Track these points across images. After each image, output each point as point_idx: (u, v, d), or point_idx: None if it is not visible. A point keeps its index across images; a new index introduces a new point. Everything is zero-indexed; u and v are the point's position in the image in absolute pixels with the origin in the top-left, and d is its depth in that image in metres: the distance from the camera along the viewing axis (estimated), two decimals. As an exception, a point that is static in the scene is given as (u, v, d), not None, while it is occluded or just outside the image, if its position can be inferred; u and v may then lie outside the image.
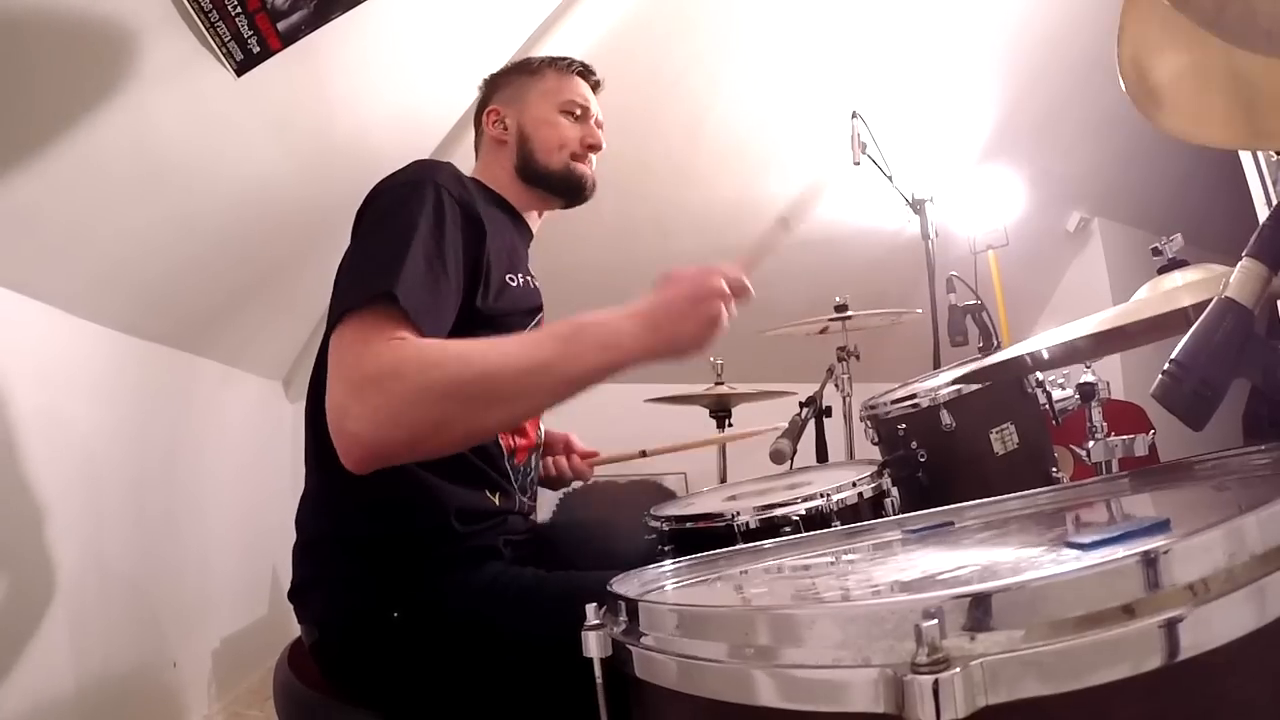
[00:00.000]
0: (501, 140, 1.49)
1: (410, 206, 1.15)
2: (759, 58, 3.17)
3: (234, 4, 1.60)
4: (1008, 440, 1.74)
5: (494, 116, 1.51)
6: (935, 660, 0.49)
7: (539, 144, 1.47)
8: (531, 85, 1.51)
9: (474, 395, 1.01)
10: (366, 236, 1.18)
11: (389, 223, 1.15)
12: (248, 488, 2.72)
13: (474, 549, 1.23)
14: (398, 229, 1.12)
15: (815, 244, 3.92)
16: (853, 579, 0.90)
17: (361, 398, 0.97)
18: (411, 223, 1.12)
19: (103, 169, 1.66)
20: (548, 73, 1.52)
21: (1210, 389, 0.73)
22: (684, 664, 0.64)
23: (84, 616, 1.78)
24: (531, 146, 1.47)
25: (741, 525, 1.42)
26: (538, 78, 1.52)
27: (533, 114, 1.49)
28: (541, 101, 1.49)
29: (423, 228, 1.12)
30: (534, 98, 1.50)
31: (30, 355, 1.71)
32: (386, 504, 1.17)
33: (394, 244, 1.09)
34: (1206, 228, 2.52)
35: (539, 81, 1.51)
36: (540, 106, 1.49)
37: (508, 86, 1.54)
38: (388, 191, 1.21)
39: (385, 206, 1.19)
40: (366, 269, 1.09)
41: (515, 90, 1.52)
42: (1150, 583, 0.52)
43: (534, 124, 1.48)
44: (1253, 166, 2.50)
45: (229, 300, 2.40)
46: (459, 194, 1.22)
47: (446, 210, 1.17)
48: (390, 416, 0.96)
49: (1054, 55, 3.63)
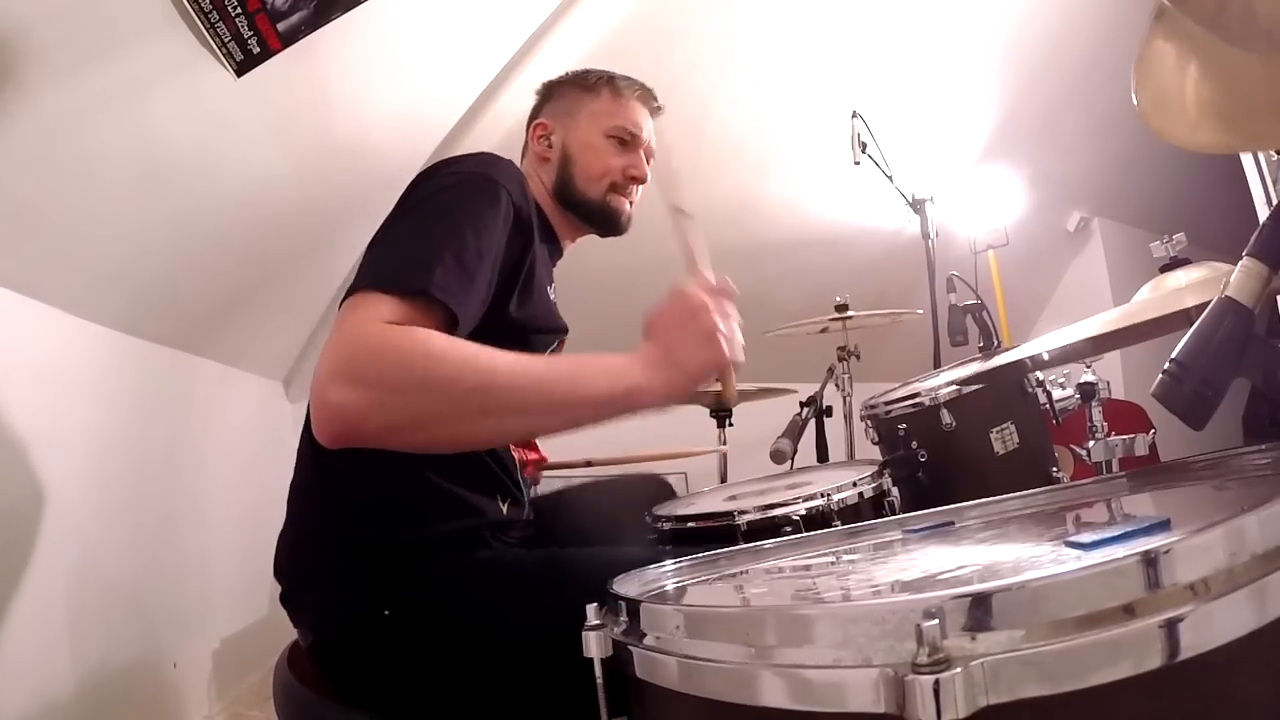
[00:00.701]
0: (545, 157, 1.46)
1: (470, 197, 1.12)
2: (759, 57, 3.17)
3: (234, 4, 1.60)
4: (1008, 440, 1.74)
5: (540, 131, 1.47)
6: (936, 660, 0.49)
7: (580, 169, 1.43)
8: (584, 103, 1.46)
9: (466, 400, 0.95)
10: (415, 212, 1.13)
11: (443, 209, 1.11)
12: (248, 488, 2.72)
13: (466, 538, 1.22)
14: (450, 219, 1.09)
15: (815, 244, 3.92)
16: (853, 579, 0.90)
17: (353, 371, 0.92)
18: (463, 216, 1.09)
19: (103, 169, 1.67)
20: (603, 92, 1.47)
21: (1211, 389, 0.73)
22: (685, 664, 0.64)
23: (84, 617, 1.78)
24: (573, 171, 1.43)
25: (742, 525, 1.42)
26: (592, 96, 1.47)
27: (579, 135, 1.44)
28: (591, 123, 1.44)
29: (473, 222, 1.09)
30: (584, 118, 1.45)
31: (30, 356, 1.71)
32: (385, 506, 1.17)
33: (440, 236, 1.06)
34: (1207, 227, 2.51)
35: (592, 100, 1.46)
36: (589, 128, 1.44)
37: (561, 99, 1.49)
38: (452, 173, 1.17)
39: (445, 188, 1.15)
40: (407, 253, 1.05)
41: (567, 105, 1.48)
42: (1151, 582, 0.52)
43: (579, 146, 1.44)
44: (1253, 166, 2.50)
45: (229, 300, 2.40)
46: (518, 198, 1.19)
47: (503, 209, 1.14)
48: (379, 398, 0.91)
49: (1054, 55, 3.63)
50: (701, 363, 1.02)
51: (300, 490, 1.27)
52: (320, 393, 0.91)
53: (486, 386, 0.96)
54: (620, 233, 1.49)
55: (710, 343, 1.02)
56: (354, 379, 0.91)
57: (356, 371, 0.92)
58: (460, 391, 0.95)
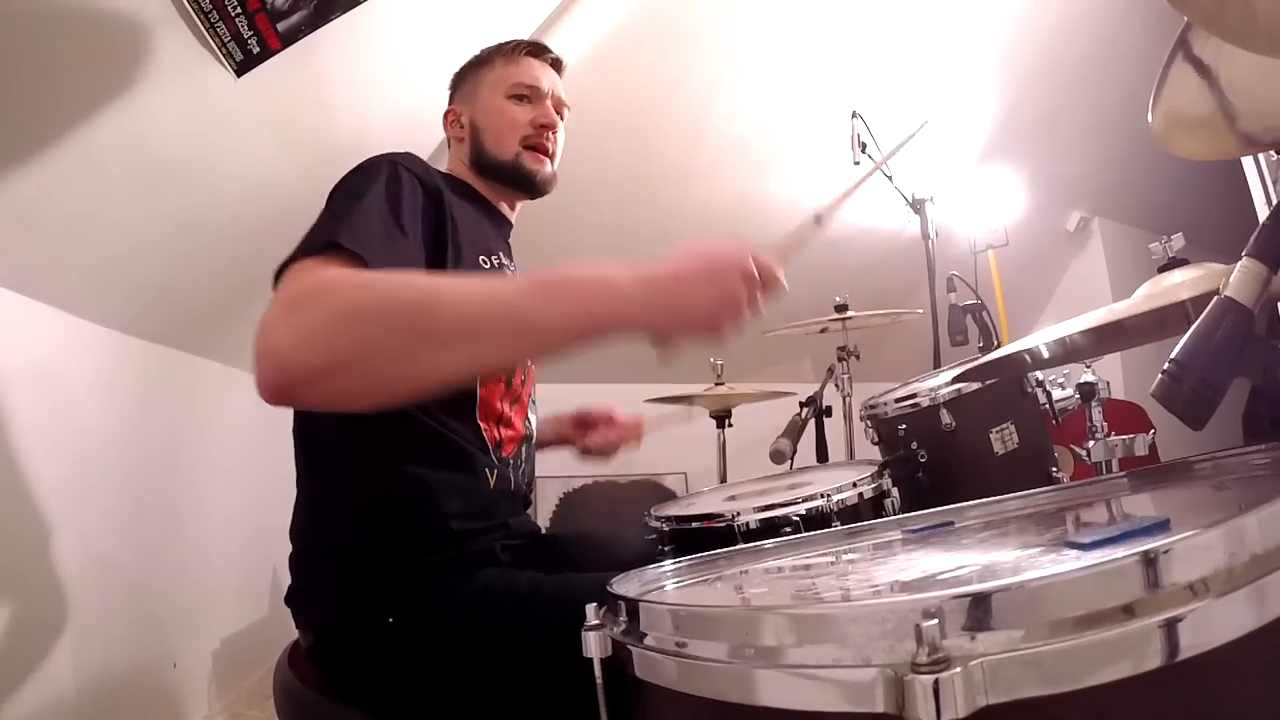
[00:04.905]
0: (459, 138, 1.49)
1: (363, 181, 1.12)
2: (760, 58, 3.18)
3: (234, 4, 1.60)
4: (1008, 440, 1.74)
5: (451, 117, 1.51)
6: (936, 660, 0.49)
7: (489, 134, 1.45)
8: (482, 77, 1.49)
9: (408, 324, 0.86)
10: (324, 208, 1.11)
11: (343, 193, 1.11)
12: (248, 488, 2.72)
13: (470, 554, 1.22)
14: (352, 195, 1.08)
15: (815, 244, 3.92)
16: (853, 579, 0.90)
17: (286, 314, 0.86)
18: (361, 192, 1.08)
19: (102, 168, 1.67)
20: (495, 60, 1.50)
21: (1210, 389, 0.73)
22: (685, 664, 0.64)
23: (84, 617, 1.78)
24: (483, 139, 1.45)
25: (742, 525, 1.42)
26: (486, 68, 1.50)
27: (483, 105, 1.47)
28: (491, 92, 1.47)
29: (375, 194, 1.08)
30: (484, 90, 1.48)
31: (29, 355, 1.71)
32: (380, 507, 1.17)
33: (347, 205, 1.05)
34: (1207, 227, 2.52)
35: (488, 72, 1.49)
36: (490, 97, 1.47)
37: (464, 83, 1.53)
38: (345, 176, 1.18)
39: (341, 183, 1.15)
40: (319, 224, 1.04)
41: (469, 86, 1.51)
42: (1150, 582, 0.52)
43: (484, 115, 1.46)
44: (1253, 166, 2.50)
45: (229, 300, 2.40)
46: (417, 170, 1.20)
47: (404, 181, 1.14)
48: (311, 334, 0.84)
49: (1054, 55, 3.63)
50: (706, 320, 0.94)
51: (299, 494, 1.28)
52: (259, 347, 0.84)
53: (427, 305, 0.87)
54: (541, 192, 1.48)
55: (726, 309, 0.94)
56: (286, 322, 0.85)
57: (289, 314, 0.86)
58: (399, 312, 0.87)
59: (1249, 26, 0.72)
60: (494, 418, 1.32)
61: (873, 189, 2.96)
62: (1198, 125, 1.01)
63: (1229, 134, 0.98)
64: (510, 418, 1.35)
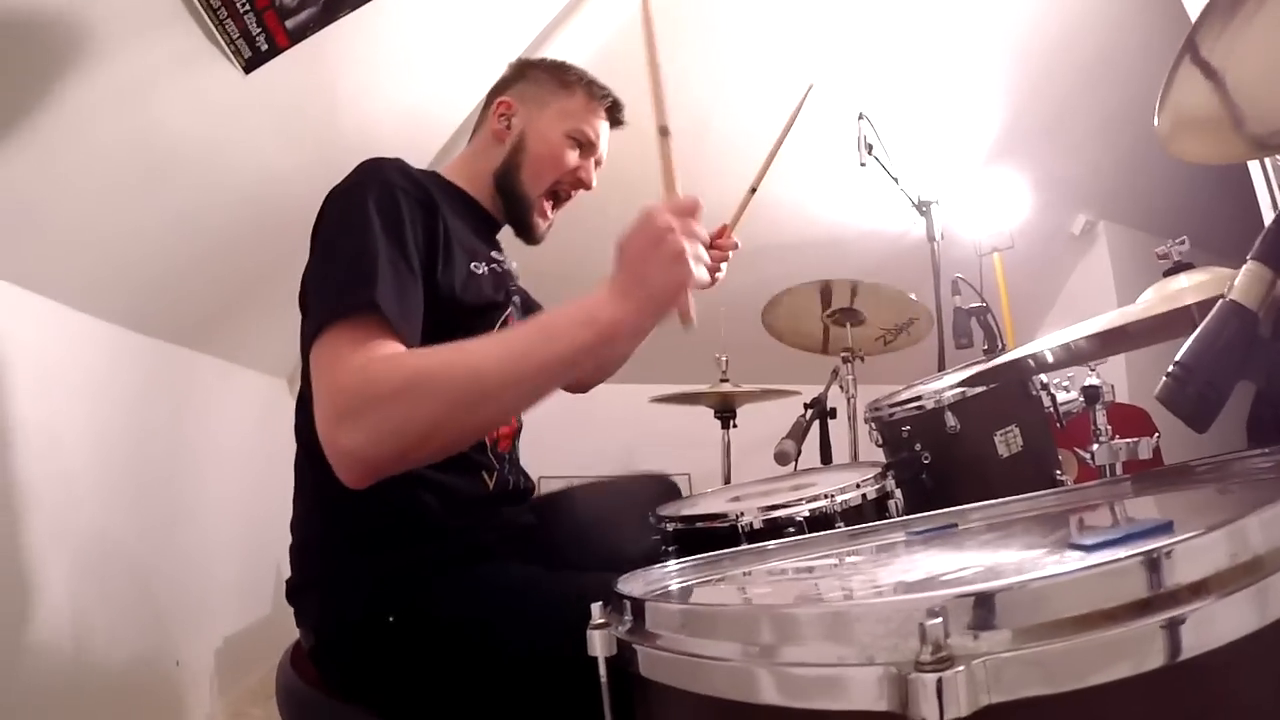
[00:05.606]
0: (500, 137, 1.44)
1: (363, 208, 1.13)
2: (763, 59, 3.17)
3: (242, 1, 1.60)
4: (1012, 443, 1.74)
5: (503, 109, 1.45)
6: (939, 659, 0.49)
7: (530, 160, 1.41)
8: (557, 98, 1.44)
9: (462, 397, 0.98)
10: (329, 246, 1.15)
11: (347, 229, 1.13)
12: (251, 485, 2.73)
13: (469, 547, 1.22)
14: (357, 235, 1.10)
15: (821, 245, 3.92)
16: (856, 580, 0.91)
17: (352, 416, 0.96)
18: (367, 224, 1.10)
19: (109, 164, 1.67)
20: (578, 92, 1.45)
21: (1214, 392, 0.73)
22: (690, 663, 0.64)
23: (86, 615, 1.78)
24: (521, 159, 1.41)
25: (746, 526, 1.42)
26: (566, 93, 1.45)
27: (542, 127, 1.42)
28: (557, 120, 1.43)
29: (380, 227, 1.10)
30: (552, 112, 1.43)
31: (32, 350, 1.71)
32: (380, 511, 1.16)
33: (358, 252, 1.07)
34: (1212, 231, 2.51)
35: (566, 98, 1.45)
36: (553, 124, 1.43)
37: (533, 84, 1.47)
38: (338, 198, 1.18)
39: (339, 212, 1.17)
40: (339, 280, 1.07)
41: (538, 93, 1.45)
42: (1153, 583, 0.52)
43: (537, 138, 1.42)
44: (1259, 170, 2.49)
45: (233, 296, 2.41)
46: (405, 183, 1.19)
47: (400, 200, 1.15)
48: (382, 431, 0.95)
49: (1061, 58, 3.63)
50: (670, 284, 1.02)
51: (298, 492, 1.28)
52: (331, 444, 0.97)
53: (475, 375, 0.99)
54: (531, 243, 1.47)
55: (678, 263, 1.01)
56: (354, 420, 0.96)
57: (354, 413, 0.96)
58: (454, 390, 0.98)
59: None
60: None
61: (879, 191, 2.97)
62: (1204, 128, 1.01)
63: (1236, 137, 0.98)
64: None
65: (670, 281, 1.02)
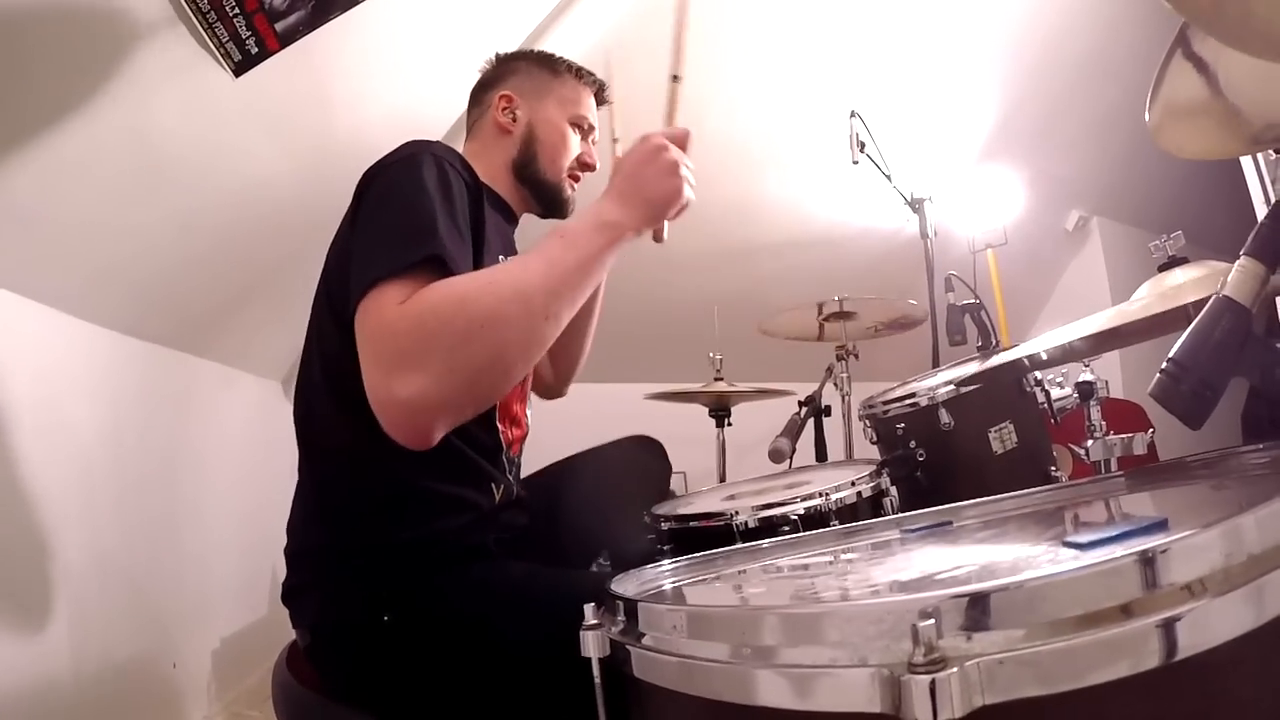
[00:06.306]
0: (507, 130, 1.46)
1: (419, 176, 1.13)
2: (759, 57, 3.17)
3: (232, 5, 1.60)
4: (1006, 439, 1.74)
5: (506, 103, 1.47)
6: (932, 660, 0.49)
7: (545, 149, 1.45)
8: (552, 87, 1.49)
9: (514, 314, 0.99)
10: (384, 206, 1.13)
11: (403, 193, 1.12)
12: (247, 488, 2.72)
13: (465, 547, 1.21)
14: (414, 198, 1.10)
15: (814, 243, 3.92)
16: (851, 578, 0.91)
17: (405, 357, 0.94)
18: (423, 189, 1.11)
19: (101, 169, 1.66)
20: (568, 79, 1.50)
21: (1209, 388, 0.73)
22: (683, 664, 0.64)
23: (83, 617, 1.78)
24: (536, 150, 1.45)
25: (740, 525, 1.42)
26: (559, 81, 1.50)
27: (547, 117, 1.47)
28: (559, 109, 1.48)
29: (437, 193, 1.11)
30: (552, 101, 1.48)
31: (28, 356, 1.70)
32: (382, 516, 1.16)
33: (417, 211, 1.07)
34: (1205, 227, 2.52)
35: (560, 86, 1.50)
36: (556, 113, 1.48)
37: (526, 76, 1.50)
38: (390, 168, 1.18)
39: (391, 179, 1.16)
40: (399, 234, 1.06)
41: (534, 84, 1.49)
42: (1148, 582, 0.52)
43: (546, 127, 1.46)
44: (1251, 166, 2.50)
45: (228, 300, 2.40)
46: (461, 170, 1.21)
47: (451, 178, 1.16)
48: (442, 365, 0.93)
49: (1054, 54, 3.63)
50: (666, 191, 1.15)
51: (298, 493, 1.27)
52: (386, 398, 0.94)
53: (520, 292, 1.00)
54: (563, 217, 1.51)
55: (673, 175, 1.16)
56: (409, 364, 0.93)
57: (407, 357, 0.94)
58: (505, 313, 0.98)
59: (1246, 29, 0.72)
60: (509, 419, 1.33)
61: (872, 189, 2.97)
62: (1195, 122, 1.01)
63: (1227, 132, 0.99)
64: (519, 416, 1.37)
65: (666, 189, 1.15)
